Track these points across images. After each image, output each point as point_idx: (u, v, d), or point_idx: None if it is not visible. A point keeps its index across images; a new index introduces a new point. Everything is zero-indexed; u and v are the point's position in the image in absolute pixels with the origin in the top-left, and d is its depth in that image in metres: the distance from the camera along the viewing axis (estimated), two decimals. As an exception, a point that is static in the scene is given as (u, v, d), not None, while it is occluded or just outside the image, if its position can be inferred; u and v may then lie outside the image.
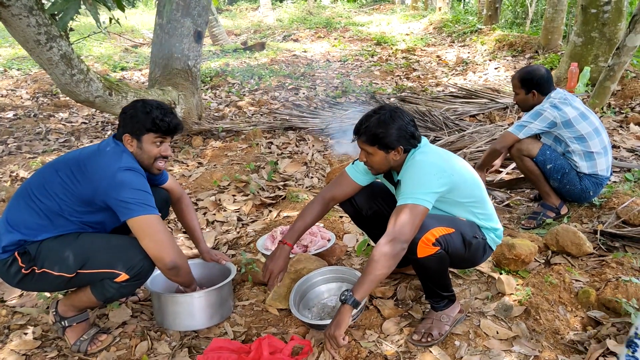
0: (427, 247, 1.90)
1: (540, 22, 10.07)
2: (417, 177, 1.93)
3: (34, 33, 3.36)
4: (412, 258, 1.94)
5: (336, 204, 2.36)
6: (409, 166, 2.00)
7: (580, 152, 2.93)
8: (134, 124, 2.04)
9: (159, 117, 2.05)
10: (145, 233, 1.91)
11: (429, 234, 1.89)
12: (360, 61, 9.11)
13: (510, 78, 3.11)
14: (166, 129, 2.08)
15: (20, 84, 7.35)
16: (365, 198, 2.31)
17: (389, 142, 1.96)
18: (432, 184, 1.90)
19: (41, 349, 2.16)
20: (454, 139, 4.47)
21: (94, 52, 10.21)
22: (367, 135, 1.98)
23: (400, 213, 1.86)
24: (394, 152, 2.00)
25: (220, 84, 7.40)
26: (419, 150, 2.02)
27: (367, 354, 2.04)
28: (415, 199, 1.86)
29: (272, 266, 2.19)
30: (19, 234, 1.94)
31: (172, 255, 1.95)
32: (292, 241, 2.23)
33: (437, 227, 1.92)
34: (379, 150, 2.00)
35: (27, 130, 5.29)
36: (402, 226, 1.83)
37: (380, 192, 2.32)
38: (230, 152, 4.57)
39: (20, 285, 2.02)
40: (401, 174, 2.04)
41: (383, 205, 2.30)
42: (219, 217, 3.46)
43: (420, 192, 1.87)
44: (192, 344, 2.21)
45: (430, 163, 1.96)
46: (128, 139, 2.05)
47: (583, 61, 6.04)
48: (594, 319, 2.16)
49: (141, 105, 2.06)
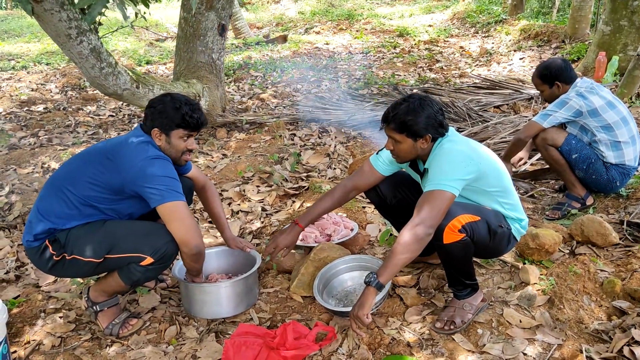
0: (453, 233, 1.91)
1: (567, 10, 9.85)
2: (444, 164, 1.94)
3: (65, 27, 3.46)
4: (438, 244, 1.96)
5: (358, 193, 2.39)
6: (436, 154, 2.01)
7: (607, 141, 2.88)
8: (163, 119, 2.09)
9: (189, 113, 2.10)
10: (173, 217, 1.98)
11: (455, 221, 1.91)
12: (382, 53, 9.06)
13: (531, 79, 3.08)
14: (195, 125, 2.14)
15: (50, 78, 7.53)
16: (390, 187, 2.33)
17: (417, 129, 1.96)
18: (459, 171, 1.92)
19: (75, 332, 2.25)
20: (478, 130, 4.44)
21: (119, 47, 10.38)
22: (395, 122, 1.99)
23: (427, 199, 1.88)
24: (422, 141, 2.00)
25: (243, 77, 7.46)
26: (447, 139, 2.03)
27: (390, 341, 2.07)
28: (443, 186, 1.88)
29: (280, 240, 2.28)
30: (49, 223, 2.02)
31: (197, 240, 2.03)
32: (304, 223, 2.30)
33: (464, 214, 1.93)
34: (407, 138, 2.00)
35: (57, 123, 5.43)
36: (429, 212, 1.85)
37: (405, 181, 2.34)
38: (253, 143, 4.62)
39: (53, 271, 2.11)
40: (428, 162, 2.05)
41: (407, 194, 2.32)
42: (243, 207, 3.51)
43: (448, 179, 1.89)
44: (219, 329, 2.27)
45: (458, 151, 1.97)
46: (157, 133, 2.11)
47: (611, 50, 5.91)
48: (619, 309, 2.14)
49: (170, 100, 2.11)
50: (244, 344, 2.01)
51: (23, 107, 6.05)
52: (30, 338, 2.19)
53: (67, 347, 2.14)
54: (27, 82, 7.39)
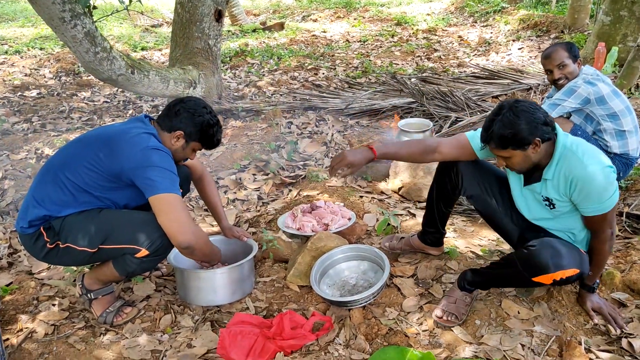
0: (546, 279, 1.85)
1: (566, 0, 9.80)
2: (599, 186, 1.82)
3: (59, 10, 3.38)
4: (524, 275, 1.88)
5: (438, 159, 2.22)
6: (577, 171, 1.83)
7: (612, 130, 2.83)
8: (194, 129, 2.11)
9: (217, 136, 2.17)
10: (163, 210, 1.93)
11: (560, 273, 1.83)
12: (380, 41, 8.98)
13: (544, 57, 2.93)
14: (214, 146, 2.21)
15: (44, 63, 7.42)
16: (474, 179, 2.19)
17: (521, 138, 1.80)
18: (613, 187, 1.84)
19: (69, 320, 2.22)
20: (476, 120, 4.40)
21: (114, 32, 10.25)
22: (495, 141, 1.85)
23: (607, 218, 1.88)
24: (532, 147, 1.83)
25: (240, 64, 7.38)
26: (572, 142, 1.88)
27: (387, 331, 2.06)
28: (608, 207, 1.84)
29: (347, 154, 2.13)
30: (44, 210, 1.98)
31: (186, 235, 1.94)
32: (379, 152, 2.16)
33: (574, 269, 1.85)
34: (515, 151, 1.84)
35: (50, 109, 5.36)
36: (611, 225, 1.91)
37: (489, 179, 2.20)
38: (250, 131, 4.58)
39: (46, 259, 2.08)
40: (552, 169, 1.90)
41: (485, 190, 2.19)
42: (239, 195, 3.48)
43: (609, 198, 1.83)
44: (215, 318, 2.25)
45: (596, 168, 1.82)
46: (178, 135, 2.10)
47: (611, 41, 5.87)
48: (618, 301, 2.14)
49: (208, 115, 2.13)
50: (239, 333, 1.99)
51: (16, 92, 5.96)
52: (23, 326, 2.16)
53: (60, 335, 2.11)
54: (20, 67, 7.28)
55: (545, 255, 1.82)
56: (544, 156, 1.89)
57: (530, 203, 2.07)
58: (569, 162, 1.85)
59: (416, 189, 3.27)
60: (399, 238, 2.62)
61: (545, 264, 1.81)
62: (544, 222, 2.06)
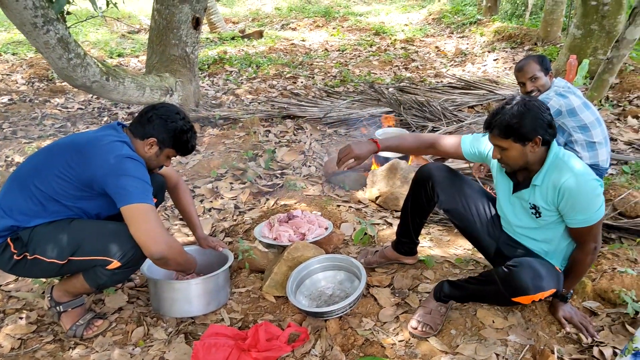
0: (526, 299, 1.87)
1: (539, 14, 10.03)
2: (588, 196, 1.84)
3: (31, 16, 3.32)
4: (505, 295, 1.89)
5: (434, 153, 2.30)
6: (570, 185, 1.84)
7: (582, 141, 2.89)
8: (167, 135, 2.08)
9: (192, 142, 2.15)
10: (135, 220, 1.88)
11: (541, 295, 1.85)
12: (358, 51, 9.05)
13: (516, 70, 2.96)
14: (189, 152, 2.18)
15: (16, 68, 7.27)
16: (449, 192, 2.21)
17: (525, 132, 1.81)
18: (599, 199, 1.86)
19: (37, 334, 2.16)
20: (453, 130, 4.46)
21: (90, 38, 10.11)
22: (500, 127, 1.84)
23: (592, 230, 1.88)
24: (531, 145, 1.84)
25: (218, 72, 7.34)
26: (560, 149, 1.92)
27: (363, 342, 2.05)
28: (596, 218, 1.85)
29: (356, 149, 2.17)
30: (11, 220, 1.92)
31: (159, 246, 1.89)
32: (382, 145, 2.22)
33: (552, 289, 1.88)
34: (515, 144, 1.85)
35: (22, 115, 5.24)
36: (597, 238, 1.92)
37: (465, 192, 2.22)
38: (227, 139, 4.55)
39: (13, 271, 2.01)
40: (542, 176, 1.92)
41: (460, 203, 2.21)
42: (216, 204, 3.44)
43: (596, 211, 1.85)
44: (189, 330, 2.21)
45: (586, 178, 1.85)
46: (152, 143, 2.07)
47: (582, 53, 6.02)
48: (589, 309, 2.17)
49: (182, 121, 2.10)
50: (214, 345, 1.96)
51: (-13, 98, 5.83)
52: (-11, 340, 2.09)
53: (27, 350, 2.05)
54: (-9, 72, 7.13)
55: (526, 276, 1.83)
56: (537, 160, 1.91)
57: (517, 211, 2.08)
58: (559, 171, 1.86)
59: (393, 198, 3.29)
60: (373, 252, 2.62)
61: (526, 286, 1.83)
62: (528, 232, 2.07)
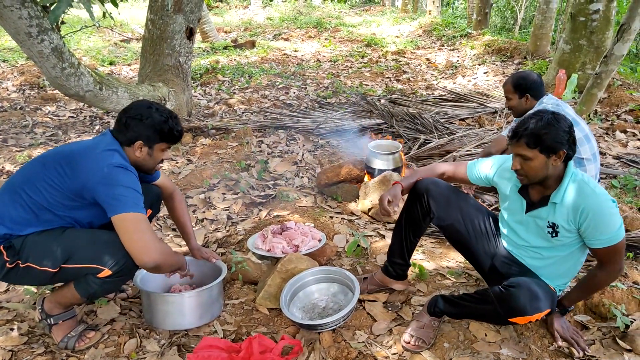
0: (522, 320, 1.88)
1: (528, 28, 10.19)
2: (606, 217, 1.86)
3: (26, 25, 3.31)
4: (503, 315, 1.90)
5: (445, 178, 2.36)
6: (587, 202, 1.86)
7: None
8: (149, 132, 2.04)
9: (175, 127, 2.09)
10: (126, 230, 1.87)
11: (537, 316, 1.87)
12: (350, 62, 9.12)
13: (502, 84, 3.04)
14: (178, 138, 2.13)
15: (7, 75, 7.23)
16: (445, 207, 2.23)
17: (552, 144, 1.83)
18: (618, 217, 1.88)
19: (27, 345, 2.13)
20: (444, 142, 4.50)
21: (82, 46, 10.09)
22: (528, 136, 1.85)
23: (618, 251, 1.88)
24: (555, 158, 1.86)
25: (211, 82, 7.36)
26: (577, 172, 1.94)
27: (356, 355, 2.05)
28: (620, 237, 1.86)
29: (389, 196, 2.22)
30: (4, 228, 1.92)
31: (151, 255, 1.88)
32: (405, 184, 2.30)
33: (547, 309, 1.90)
34: (540, 154, 1.85)
35: (13, 123, 5.21)
36: (621, 260, 1.92)
37: (460, 207, 2.25)
38: (220, 150, 4.55)
39: (5, 279, 2.00)
40: (560, 194, 1.92)
41: (456, 218, 2.24)
42: (208, 215, 3.44)
43: (618, 229, 1.86)
44: (182, 342, 2.20)
45: (606, 198, 1.88)
46: (140, 146, 2.05)
47: (571, 68, 6.13)
48: (580, 323, 2.19)
49: (156, 112, 2.05)
50: (207, 358, 1.95)
51: (-23, 105, 5.79)
52: (-22, 352, 2.07)
53: (18, 362, 2.02)
54: (-19, 79, 7.08)
55: (524, 298, 1.84)
56: (555, 176, 1.92)
57: (530, 230, 2.08)
58: (581, 191, 1.88)
59: (386, 210, 3.30)
60: (362, 279, 2.53)
61: (524, 307, 1.84)
62: (536, 250, 2.09)
